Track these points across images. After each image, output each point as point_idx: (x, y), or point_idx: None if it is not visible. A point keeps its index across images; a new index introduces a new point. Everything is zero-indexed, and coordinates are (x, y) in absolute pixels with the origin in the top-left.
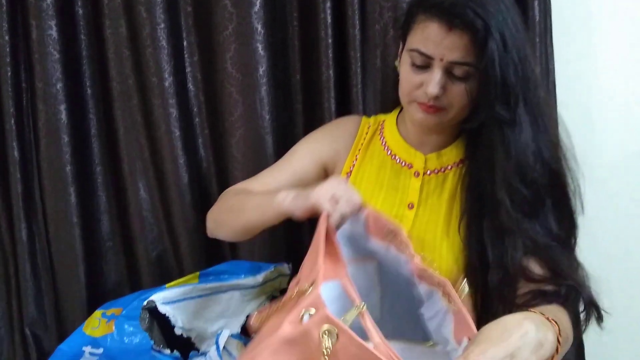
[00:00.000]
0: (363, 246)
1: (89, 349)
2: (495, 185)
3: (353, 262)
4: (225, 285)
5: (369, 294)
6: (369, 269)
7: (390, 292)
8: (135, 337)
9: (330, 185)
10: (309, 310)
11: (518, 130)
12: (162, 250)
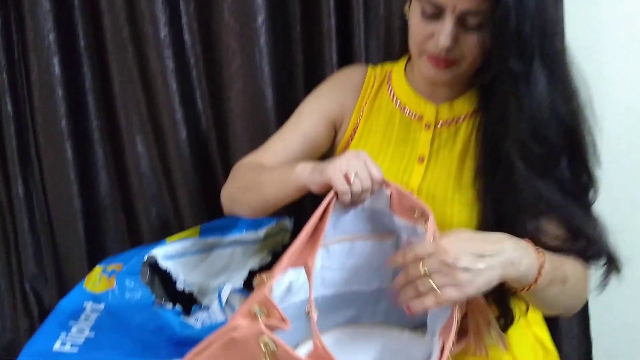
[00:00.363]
0: (383, 223)
1: (90, 304)
2: (507, 143)
3: (370, 238)
4: (227, 241)
5: (382, 268)
6: (386, 246)
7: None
8: (136, 292)
9: (346, 159)
10: (257, 306)
11: (533, 84)
12: (161, 206)
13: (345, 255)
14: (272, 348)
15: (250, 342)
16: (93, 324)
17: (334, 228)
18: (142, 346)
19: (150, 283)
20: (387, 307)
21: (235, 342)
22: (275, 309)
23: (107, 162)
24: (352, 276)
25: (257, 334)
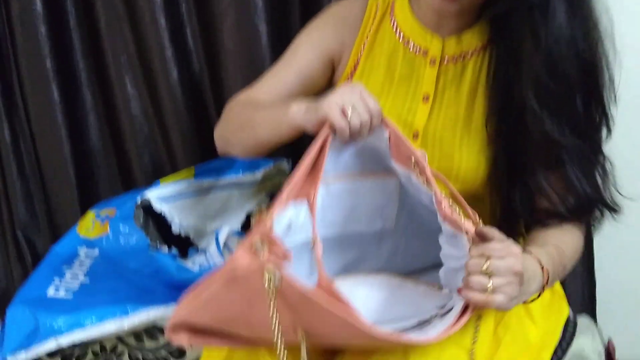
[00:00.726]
0: (385, 162)
1: (84, 250)
2: (520, 80)
3: (373, 176)
4: (223, 183)
5: (385, 207)
6: (390, 185)
7: (408, 212)
8: (131, 237)
9: (341, 94)
10: (259, 241)
11: (551, 15)
12: (154, 149)
13: (347, 194)
14: (276, 283)
15: (253, 278)
16: (87, 270)
17: (334, 165)
18: (139, 291)
19: (144, 226)
20: (390, 249)
21: (237, 280)
22: (277, 243)
23: (95, 104)
24: (354, 216)
25: (260, 269)
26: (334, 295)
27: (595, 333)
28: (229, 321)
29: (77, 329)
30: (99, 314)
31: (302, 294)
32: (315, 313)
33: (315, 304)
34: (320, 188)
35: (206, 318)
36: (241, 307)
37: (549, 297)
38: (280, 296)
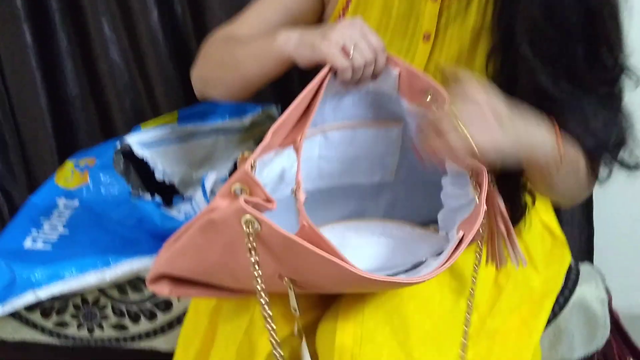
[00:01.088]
0: (389, 108)
1: (63, 200)
2: (517, 22)
3: (374, 125)
4: (208, 128)
5: (386, 157)
6: (392, 134)
7: (409, 163)
8: (113, 187)
9: (340, 31)
10: (238, 185)
11: None
12: (135, 96)
13: (346, 144)
14: (255, 227)
15: (231, 223)
16: (67, 221)
17: (334, 114)
18: (121, 242)
19: (125, 173)
20: (389, 202)
21: (215, 224)
22: (258, 187)
23: (71, 48)
24: (352, 167)
25: (237, 213)
26: (317, 238)
27: (598, 281)
28: (211, 271)
29: (56, 281)
30: (79, 265)
31: (284, 239)
32: (299, 258)
33: (299, 249)
34: (318, 137)
35: (186, 267)
36: (222, 256)
37: (551, 243)
38: (261, 242)
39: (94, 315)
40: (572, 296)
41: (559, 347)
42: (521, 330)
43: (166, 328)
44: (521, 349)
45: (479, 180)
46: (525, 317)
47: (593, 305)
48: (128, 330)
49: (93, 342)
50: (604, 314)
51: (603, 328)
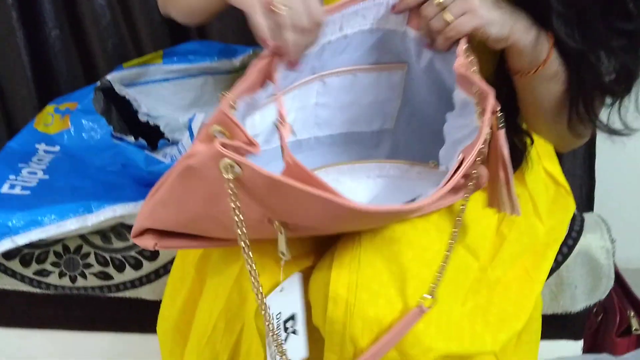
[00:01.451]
0: (393, 48)
1: (43, 146)
2: None
3: (375, 69)
4: (195, 68)
5: (387, 103)
6: (395, 78)
7: (413, 104)
8: (95, 133)
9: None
10: (217, 127)
11: None
12: (118, 38)
13: (346, 90)
14: (236, 171)
15: (209, 169)
16: (47, 166)
17: (333, 58)
18: (105, 188)
19: (105, 112)
20: (390, 149)
21: (193, 171)
22: (238, 129)
23: None
24: (351, 114)
25: (214, 157)
26: (304, 174)
27: (603, 230)
28: (196, 222)
29: (34, 228)
30: (59, 211)
31: (268, 180)
32: (287, 199)
33: (286, 189)
34: (316, 84)
35: (169, 220)
36: (205, 205)
37: (554, 192)
38: (243, 187)
39: (76, 263)
40: (576, 246)
41: (561, 298)
42: (523, 280)
43: (152, 277)
44: (522, 300)
45: (484, 105)
46: (527, 267)
47: (597, 255)
48: (112, 279)
49: (76, 291)
50: (609, 265)
51: (607, 279)
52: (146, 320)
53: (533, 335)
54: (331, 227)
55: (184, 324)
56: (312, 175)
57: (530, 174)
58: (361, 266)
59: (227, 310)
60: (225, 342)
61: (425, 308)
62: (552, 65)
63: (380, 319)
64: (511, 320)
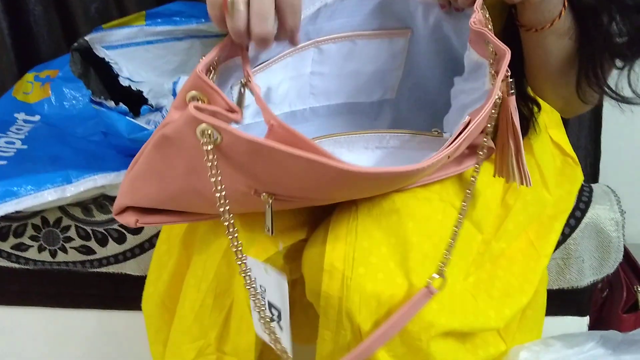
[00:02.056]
0: (395, 12)
1: (22, 115)
2: None
3: (376, 35)
4: (181, 30)
5: (388, 73)
6: (397, 46)
7: (415, 74)
8: (77, 102)
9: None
10: (194, 93)
11: None
12: (101, 1)
13: (343, 57)
14: (214, 138)
15: (185, 136)
16: (26, 136)
17: (329, 23)
18: (86, 157)
19: (83, 75)
20: (390, 121)
21: (169, 140)
22: (216, 93)
23: None
24: (349, 84)
25: (190, 122)
26: (291, 135)
27: (613, 201)
28: (179, 196)
29: (10, 199)
30: (36, 181)
31: (251, 145)
32: (274, 165)
33: (271, 153)
34: (311, 51)
35: (150, 196)
36: (186, 178)
37: (561, 161)
38: (224, 155)
39: (56, 237)
40: (584, 218)
41: (568, 272)
42: (528, 253)
43: (137, 251)
44: (528, 273)
45: (499, 67)
46: (532, 239)
47: (606, 228)
48: (95, 253)
49: (56, 267)
50: (618, 237)
51: (616, 252)
52: (131, 297)
53: (538, 310)
54: (323, 195)
55: (171, 300)
56: (298, 135)
57: (538, 142)
58: (358, 238)
59: (216, 285)
60: (214, 319)
61: (434, 289)
62: (565, 20)
63: (378, 294)
64: (516, 295)
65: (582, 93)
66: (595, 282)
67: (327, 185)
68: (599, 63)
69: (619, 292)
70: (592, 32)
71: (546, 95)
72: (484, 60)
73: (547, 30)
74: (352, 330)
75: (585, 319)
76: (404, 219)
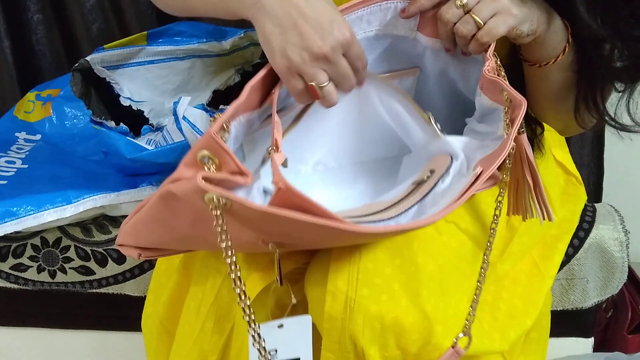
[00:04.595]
0: (403, 52)
1: (23, 135)
2: None
3: (387, 79)
4: (182, 50)
5: None
6: (406, 82)
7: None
8: (78, 121)
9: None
10: (206, 152)
11: None
12: (103, 21)
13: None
14: (224, 203)
15: (193, 200)
16: (27, 155)
17: None
18: (86, 177)
19: (84, 95)
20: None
21: (176, 198)
22: (228, 156)
23: None
24: (364, 136)
25: (197, 191)
26: (298, 199)
27: (616, 221)
28: (182, 240)
29: (10, 219)
30: (35, 201)
31: (259, 213)
32: (282, 226)
33: (279, 219)
34: None
35: (152, 238)
36: (192, 227)
37: (565, 181)
38: (233, 217)
39: (55, 257)
40: (588, 238)
41: (572, 293)
42: (532, 274)
43: (137, 272)
44: (532, 295)
45: (514, 115)
46: (536, 261)
47: (610, 248)
48: (94, 274)
49: (55, 287)
50: (622, 257)
51: (620, 273)
52: (130, 318)
53: (542, 332)
54: (332, 244)
55: (170, 322)
56: (306, 199)
57: (542, 162)
58: (362, 259)
59: (216, 309)
60: (214, 343)
61: (462, 350)
62: (568, 55)
63: (382, 315)
64: (520, 317)
65: (581, 119)
66: (600, 303)
67: (336, 239)
68: (598, 90)
69: (624, 313)
70: (593, 60)
71: (546, 119)
72: (499, 106)
73: (551, 65)
74: (355, 352)
75: (590, 340)
76: (409, 240)
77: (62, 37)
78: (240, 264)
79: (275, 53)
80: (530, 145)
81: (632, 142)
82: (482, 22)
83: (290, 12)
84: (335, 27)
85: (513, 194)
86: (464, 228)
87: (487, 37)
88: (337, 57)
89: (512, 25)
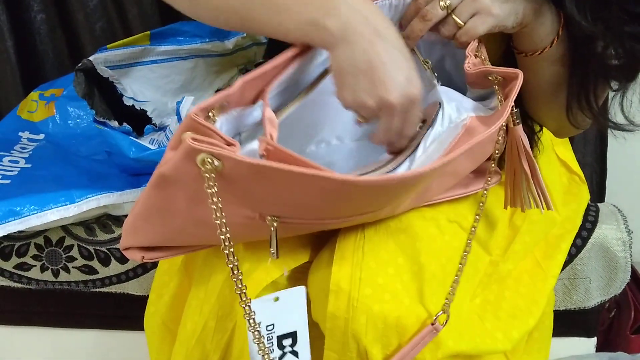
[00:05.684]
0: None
1: (26, 134)
2: None
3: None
4: (185, 50)
5: None
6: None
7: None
8: (82, 120)
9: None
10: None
11: None
12: (106, 21)
13: None
14: (216, 165)
15: (185, 168)
16: (30, 155)
17: None
18: (89, 177)
19: (87, 95)
20: None
21: (167, 178)
22: (213, 132)
23: None
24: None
25: (188, 154)
26: (286, 156)
27: (619, 221)
28: (183, 230)
29: (13, 219)
30: (39, 201)
31: (251, 167)
32: (274, 187)
33: (270, 174)
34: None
35: (154, 234)
36: (188, 209)
37: (567, 180)
38: (226, 181)
39: (59, 256)
40: (591, 238)
41: (574, 292)
42: (535, 273)
43: (139, 271)
44: (535, 294)
45: (509, 88)
46: (539, 260)
47: (613, 248)
48: (97, 273)
49: (59, 286)
50: (625, 257)
51: (623, 272)
52: (133, 317)
53: (545, 332)
54: (326, 213)
55: (172, 321)
56: (294, 155)
57: (543, 160)
58: (365, 258)
59: (219, 308)
60: (216, 342)
61: (440, 326)
62: (559, 47)
63: (385, 315)
64: (523, 316)
65: (573, 117)
66: (603, 303)
67: (328, 200)
68: (591, 88)
69: (627, 313)
70: (586, 57)
71: (539, 116)
72: (491, 88)
73: (538, 56)
74: (358, 352)
75: (592, 340)
76: (412, 239)
77: (65, 36)
78: (244, 260)
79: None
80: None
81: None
82: (463, 22)
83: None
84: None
85: (510, 186)
86: (466, 228)
87: (466, 37)
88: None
89: (492, 24)
